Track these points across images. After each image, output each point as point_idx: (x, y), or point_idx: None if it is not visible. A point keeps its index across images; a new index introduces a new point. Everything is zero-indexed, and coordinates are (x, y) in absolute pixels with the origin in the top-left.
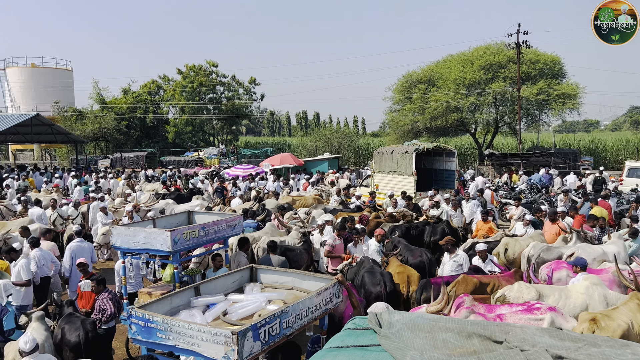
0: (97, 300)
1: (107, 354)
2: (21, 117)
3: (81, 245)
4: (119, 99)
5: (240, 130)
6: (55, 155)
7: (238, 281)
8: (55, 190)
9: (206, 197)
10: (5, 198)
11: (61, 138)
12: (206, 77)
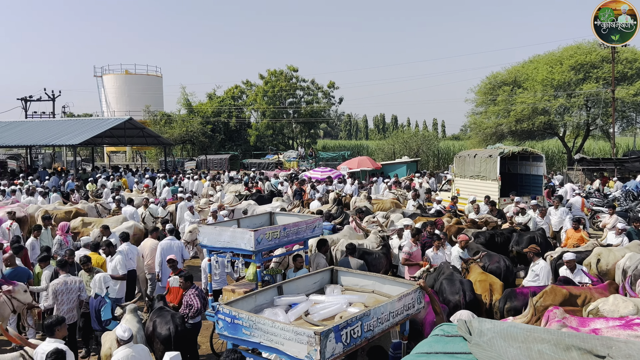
0: (185, 295)
1: (193, 348)
2: (115, 121)
3: (171, 243)
4: (204, 103)
5: (318, 133)
6: (145, 157)
7: (319, 282)
8: (146, 190)
9: (285, 199)
10: (101, 197)
11: (151, 141)
12: (286, 82)
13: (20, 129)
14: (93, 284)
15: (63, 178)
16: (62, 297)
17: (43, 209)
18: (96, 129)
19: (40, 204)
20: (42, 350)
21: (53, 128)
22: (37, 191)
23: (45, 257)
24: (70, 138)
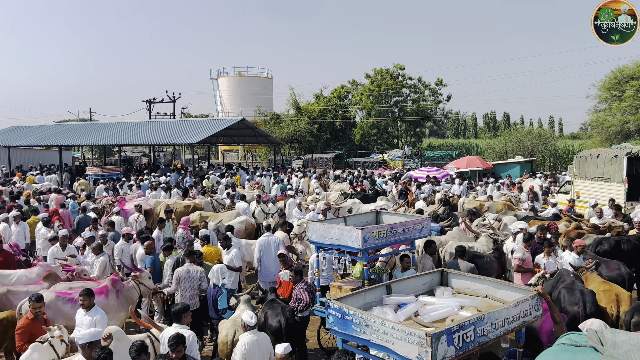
0: (294, 289)
1: (301, 341)
2: (229, 121)
3: (267, 239)
4: (311, 103)
5: (424, 132)
6: (256, 156)
7: (428, 283)
8: (257, 187)
9: (390, 198)
10: (216, 192)
11: (262, 140)
12: (393, 80)
13: (145, 129)
14: (211, 274)
15: (182, 175)
16: (185, 284)
17: (165, 203)
18: (212, 129)
19: (162, 198)
20: (168, 334)
21: (173, 128)
22: (160, 186)
23: (168, 247)
24: (188, 137)
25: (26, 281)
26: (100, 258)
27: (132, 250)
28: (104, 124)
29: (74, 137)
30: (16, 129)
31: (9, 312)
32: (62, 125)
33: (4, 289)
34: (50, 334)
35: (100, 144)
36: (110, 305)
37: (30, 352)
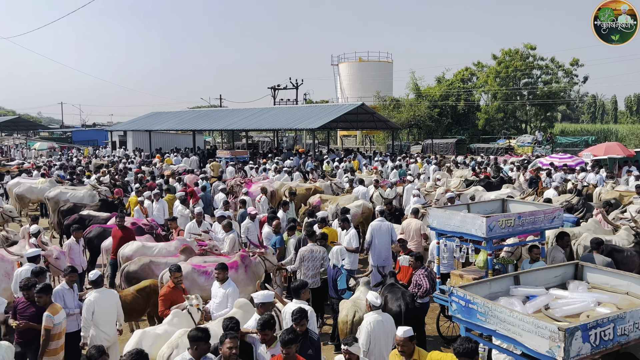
0: (414, 275)
1: (421, 327)
2: (349, 106)
3: (380, 224)
4: (432, 87)
5: (555, 116)
6: (374, 141)
7: (561, 276)
8: (375, 172)
9: (517, 186)
10: (335, 177)
11: (380, 125)
12: (522, 61)
13: (269, 115)
14: (331, 255)
15: (303, 159)
16: (308, 264)
17: (288, 185)
18: (332, 114)
19: (284, 181)
20: (290, 309)
21: (295, 113)
22: (283, 170)
23: (292, 227)
24: (309, 123)
25: (166, 253)
26: (230, 235)
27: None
28: (232, 110)
29: (205, 122)
30: (156, 114)
31: (151, 280)
32: (196, 111)
33: (147, 259)
34: (189, 302)
35: (229, 129)
36: (239, 279)
37: (171, 318)
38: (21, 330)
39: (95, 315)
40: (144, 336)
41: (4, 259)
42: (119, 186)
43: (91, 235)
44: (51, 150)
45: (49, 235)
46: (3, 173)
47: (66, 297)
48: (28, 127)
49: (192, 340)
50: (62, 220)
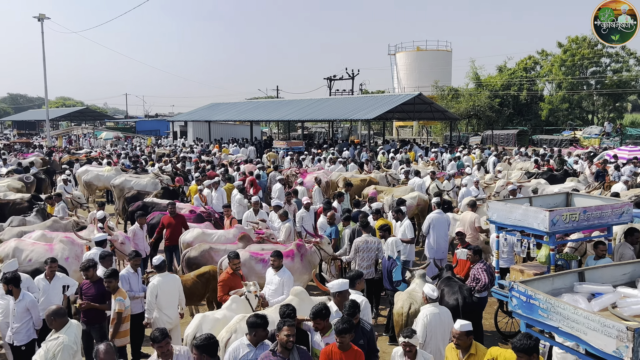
0: (472, 269)
1: (478, 322)
2: (405, 96)
3: (439, 216)
4: (493, 76)
5: (625, 107)
6: (431, 132)
7: (630, 274)
8: (432, 164)
9: (582, 179)
10: (390, 168)
11: (438, 115)
12: (590, 49)
13: (325, 105)
14: (386, 246)
15: (358, 149)
16: (362, 254)
17: (343, 176)
18: (388, 105)
19: (339, 172)
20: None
21: (351, 104)
22: (338, 160)
23: (347, 217)
24: (365, 113)
25: (224, 240)
26: (285, 224)
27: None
28: (288, 101)
29: (262, 113)
30: (215, 105)
31: (210, 266)
32: (253, 102)
33: (207, 246)
34: (247, 289)
35: (285, 120)
36: (295, 268)
37: (230, 303)
38: (85, 310)
39: (158, 298)
40: (203, 320)
41: (74, 242)
42: (180, 175)
43: (153, 222)
44: (116, 139)
45: (114, 221)
46: (72, 161)
47: (131, 281)
48: (95, 117)
49: (250, 326)
50: (126, 207)
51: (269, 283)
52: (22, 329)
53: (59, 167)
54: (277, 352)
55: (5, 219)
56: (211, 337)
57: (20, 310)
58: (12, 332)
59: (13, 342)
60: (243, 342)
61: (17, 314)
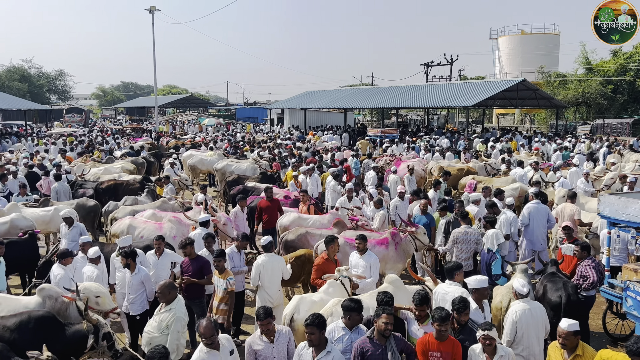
0: (579, 266)
1: (584, 322)
2: (508, 82)
3: (537, 206)
4: (606, 61)
5: None
6: (534, 120)
7: None
8: (535, 154)
9: None
10: (489, 157)
11: (543, 103)
12: None
13: (421, 92)
14: (486, 239)
15: (455, 138)
16: (461, 246)
17: (439, 165)
18: (489, 91)
19: (435, 160)
20: (443, 291)
21: (449, 91)
22: (433, 149)
23: (444, 207)
24: (463, 100)
25: (319, 225)
26: (380, 212)
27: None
28: (383, 88)
29: (357, 100)
30: (310, 93)
31: (306, 249)
32: (347, 89)
33: (303, 230)
34: (340, 274)
35: (379, 107)
36: (389, 256)
37: (327, 287)
38: (186, 285)
39: (261, 277)
40: (301, 301)
41: (181, 222)
42: (277, 161)
43: (252, 205)
44: (218, 125)
45: (216, 203)
46: (178, 146)
47: (234, 258)
48: (198, 105)
49: (345, 309)
50: (227, 190)
51: (354, 267)
52: (137, 300)
53: (165, 151)
54: (374, 339)
55: (119, 198)
56: (320, 315)
57: (136, 282)
58: (129, 302)
59: (129, 311)
60: (338, 325)
61: (132, 286)
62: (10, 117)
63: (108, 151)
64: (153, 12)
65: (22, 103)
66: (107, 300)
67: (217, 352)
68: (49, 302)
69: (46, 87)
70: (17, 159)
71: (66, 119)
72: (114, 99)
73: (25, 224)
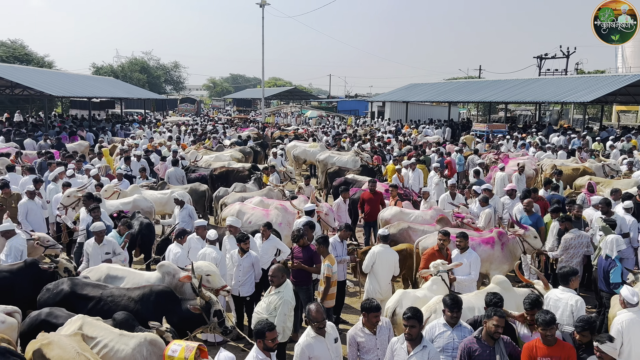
0: None
1: None
2: (633, 77)
3: None
4: None
5: None
6: None
7: None
8: None
9: None
10: (608, 157)
11: None
12: None
13: (532, 86)
14: (604, 244)
15: (568, 135)
16: (572, 251)
17: (551, 162)
18: (609, 86)
19: (547, 158)
20: (555, 297)
21: (563, 85)
22: (546, 146)
23: (556, 209)
24: (580, 96)
25: (422, 221)
26: (486, 210)
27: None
28: (490, 82)
29: (462, 94)
30: (413, 86)
31: (407, 244)
32: (452, 82)
33: (406, 224)
34: (436, 269)
35: (486, 101)
36: (494, 256)
37: (430, 284)
38: (294, 270)
39: (375, 266)
40: (404, 296)
41: (287, 210)
42: (378, 153)
43: (354, 197)
44: (320, 117)
45: (317, 193)
46: (282, 137)
47: (337, 247)
48: (301, 97)
49: (447, 306)
50: (328, 181)
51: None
52: (247, 281)
53: (270, 141)
54: (482, 339)
55: (230, 184)
56: (419, 310)
57: (247, 265)
58: (239, 284)
59: (239, 293)
60: (439, 321)
61: (242, 268)
62: (130, 106)
63: (218, 140)
64: (263, 5)
65: (142, 92)
66: (217, 278)
67: (323, 338)
68: (168, 278)
69: (163, 78)
70: (138, 145)
71: (180, 108)
72: (223, 90)
73: (145, 204)
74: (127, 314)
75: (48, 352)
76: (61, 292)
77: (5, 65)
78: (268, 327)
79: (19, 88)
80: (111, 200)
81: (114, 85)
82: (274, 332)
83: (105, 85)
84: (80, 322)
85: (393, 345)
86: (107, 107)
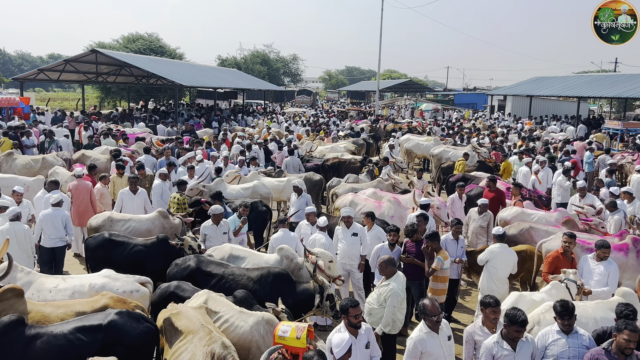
0: None
1: None
2: None
3: None
4: None
5: None
6: None
7: None
8: None
9: None
10: None
11: None
12: None
13: None
14: None
15: None
16: None
17: None
18: None
19: None
20: None
21: None
22: None
23: None
24: None
25: (545, 222)
26: (615, 216)
27: None
28: (627, 76)
29: (594, 88)
30: (538, 79)
31: (527, 245)
32: (584, 76)
33: (527, 225)
34: (566, 276)
35: (622, 97)
36: (628, 265)
37: (549, 288)
38: (406, 265)
39: (492, 263)
40: (520, 299)
41: (400, 204)
42: (497, 149)
43: (471, 194)
44: (434, 111)
45: (429, 188)
46: (396, 129)
47: (449, 246)
48: (416, 90)
49: (560, 313)
50: (441, 176)
51: (588, 273)
52: None
53: (383, 134)
54: (612, 353)
55: (342, 175)
56: (522, 313)
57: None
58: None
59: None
60: (553, 328)
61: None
62: (251, 97)
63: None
64: None
65: (262, 84)
66: (336, 267)
67: (437, 334)
68: (286, 261)
69: (282, 70)
70: (257, 134)
71: (297, 99)
72: (338, 82)
73: (264, 190)
74: (247, 293)
75: (176, 322)
76: (188, 268)
77: (143, 57)
78: (352, 304)
79: (154, 78)
80: (232, 185)
81: (237, 76)
82: (358, 309)
83: (229, 77)
84: (205, 296)
85: (490, 347)
86: (230, 97)
